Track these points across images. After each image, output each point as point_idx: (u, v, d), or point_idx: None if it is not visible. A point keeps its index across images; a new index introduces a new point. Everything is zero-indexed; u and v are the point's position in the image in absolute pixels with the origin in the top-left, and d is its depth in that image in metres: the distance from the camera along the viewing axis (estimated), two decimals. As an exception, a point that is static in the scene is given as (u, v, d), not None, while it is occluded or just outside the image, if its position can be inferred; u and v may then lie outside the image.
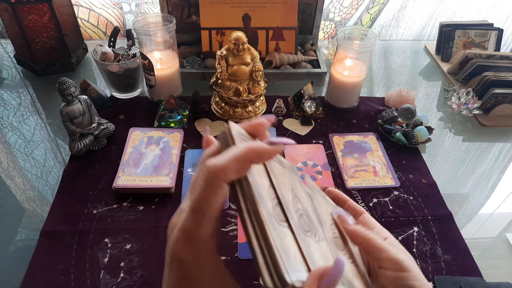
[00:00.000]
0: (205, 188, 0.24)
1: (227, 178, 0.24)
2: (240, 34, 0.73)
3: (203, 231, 0.24)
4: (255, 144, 0.25)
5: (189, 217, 0.25)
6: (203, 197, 0.24)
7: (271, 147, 0.26)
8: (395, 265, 0.32)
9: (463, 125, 0.88)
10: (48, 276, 0.55)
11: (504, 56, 0.95)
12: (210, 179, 0.24)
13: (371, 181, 0.71)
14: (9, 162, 0.73)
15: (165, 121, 0.80)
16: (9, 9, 0.81)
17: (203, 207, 0.24)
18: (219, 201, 0.25)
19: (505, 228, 0.68)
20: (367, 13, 1.20)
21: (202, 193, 0.24)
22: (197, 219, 0.24)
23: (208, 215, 0.24)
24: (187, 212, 0.25)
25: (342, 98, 0.86)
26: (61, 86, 0.67)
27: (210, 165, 0.24)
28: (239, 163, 0.24)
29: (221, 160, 0.24)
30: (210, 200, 0.24)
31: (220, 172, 0.24)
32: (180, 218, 0.25)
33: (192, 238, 0.24)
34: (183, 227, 0.25)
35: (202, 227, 0.24)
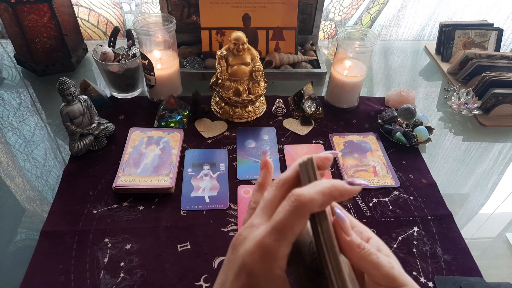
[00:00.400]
0: (292, 213, 0.26)
1: (312, 209, 0.27)
2: (240, 34, 0.73)
3: (281, 252, 0.26)
4: (339, 182, 0.28)
5: (269, 235, 0.27)
6: (289, 221, 0.26)
7: (351, 187, 0.29)
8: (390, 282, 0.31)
9: (463, 125, 0.88)
10: (48, 276, 0.55)
11: (504, 56, 0.95)
12: (298, 207, 0.26)
13: (371, 181, 0.71)
14: (9, 162, 0.73)
15: (165, 121, 0.80)
16: (9, 9, 0.81)
17: (286, 229, 0.26)
18: (301, 227, 0.27)
19: (505, 228, 0.68)
20: (367, 13, 1.20)
21: (288, 217, 0.26)
22: (279, 239, 0.26)
23: (288, 238, 0.26)
24: (267, 230, 0.27)
25: (342, 98, 0.86)
26: (61, 86, 0.67)
27: (300, 194, 0.27)
28: (325, 198, 0.27)
29: (310, 192, 0.27)
30: (294, 225, 0.26)
31: (308, 202, 0.26)
32: (253, 233, 0.27)
33: (269, 255, 0.26)
34: (262, 243, 0.26)
35: (281, 247, 0.26)
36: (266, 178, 0.34)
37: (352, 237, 0.32)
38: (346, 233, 0.32)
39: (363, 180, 0.30)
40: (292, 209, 0.26)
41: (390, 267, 0.31)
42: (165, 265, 0.57)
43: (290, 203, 0.27)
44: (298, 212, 0.26)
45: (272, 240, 0.26)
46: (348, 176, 0.72)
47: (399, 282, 0.31)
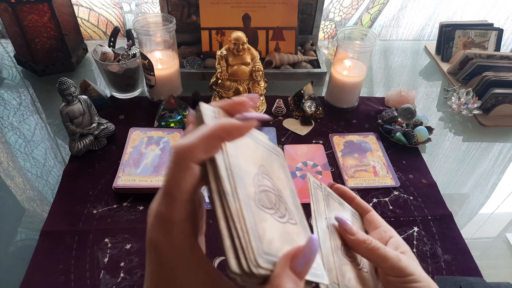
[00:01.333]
0: (173, 169, 0.23)
1: (195, 158, 0.23)
2: (240, 34, 0.73)
3: (176, 215, 0.24)
4: (224, 121, 0.24)
5: (161, 202, 0.24)
6: (172, 179, 0.23)
7: (242, 122, 0.25)
8: (398, 273, 0.33)
9: (463, 125, 0.88)
10: (48, 276, 0.55)
11: (504, 56, 0.95)
12: (178, 160, 0.23)
13: (371, 181, 0.71)
14: (9, 162, 0.73)
15: (165, 121, 0.80)
16: (9, 9, 0.81)
17: (173, 190, 0.23)
18: (189, 182, 0.23)
19: (505, 228, 0.68)
20: (367, 13, 1.20)
21: (171, 175, 0.23)
22: (169, 203, 0.24)
23: (179, 198, 0.23)
24: (159, 196, 0.24)
25: (342, 98, 0.86)
26: (61, 86, 0.67)
27: (176, 145, 0.23)
28: (208, 142, 0.23)
29: (187, 140, 0.23)
30: (179, 182, 0.23)
31: (186, 151, 0.23)
32: (155, 204, 0.25)
33: (166, 223, 0.24)
34: (157, 212, 0.24)
35: (175, 210, 0.23)
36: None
37: (357, 236, 0.35)
38: (350, 233, 0.35)
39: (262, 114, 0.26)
40: (173, 164, 0.23)
41: (397, 259, 0.33)
42: (165, 265, 0.57)
43: (170, 158, 0.23)
44: (180, 165, 0.23)
45: (163, 207, 0.24)
46: (348, 176, 0.72)
47: (406, 272, 0.33)
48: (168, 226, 0.24)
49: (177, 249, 0.24)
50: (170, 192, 0.23)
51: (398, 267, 0.33)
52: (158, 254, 0.24)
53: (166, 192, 0.24)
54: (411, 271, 0.33)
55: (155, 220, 0.24)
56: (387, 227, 0.39)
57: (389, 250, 0.34)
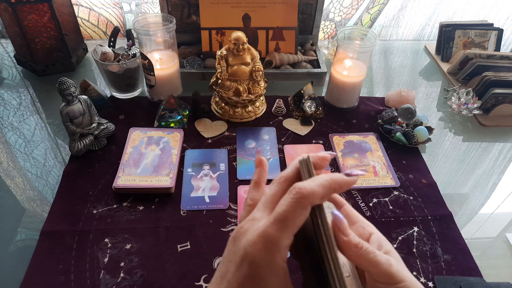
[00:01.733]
0: (294, 205, 0.27)
1: (313, 201, 0.28)
2: (240, 34, 0.73)
3: (285, 241, 0.27)
4: (337, 175, 0.30)
5: (272, 226, 0.27)
6: (291, 212, 0.27)
7: (349, 178, 0.30)
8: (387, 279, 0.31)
9: (463, 125, 0.88)
10: (48, 276, 0.55)
11: (504, 56, 0.95)
12: (300, 199, 0.27)
13: (371, 181, 0.71)
14: (9, 162, 0.73)
15: (165, 121, 0.80)
16: (9, 9, 0.81)
17: (288, 220, 0.27)
18: (302, 219, 0.28)
19: (505, 228, 0.68)
20: (367, 13, 1.20)
21: (290, 208, 0.27)
22: (281, 230, 0.27)
23: (290, 228, 0.27)
24: (269, 221, 0.28)
25: (342, 98, 0.86)
26: (61, 86, 0.67)
27: (301, 187, 0.28)
28: (324, 190, 0.28)
29: (311, 185, 0.28)
30: (295, 216, 0.27)
31: (310, 194, 0.27)
32: (255, 225, 0.28)
33: (272, 244, 0.27)
34: (265, 233, 0.27)
35: (283, 237, 0.27)
36: (261, 175, 0.35)
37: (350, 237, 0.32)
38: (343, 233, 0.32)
39: (360, 170, 0.31)
40: (294, 201, 0.27)
41: (388, 264, 0.31)
42: (165, 265, 0.57)
43: (292, 195, 0.28)
44: (300, 203, 0.27)
45: (274, 231, 0.27)
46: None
47: (397, 279, 0.31)
48: (274, 248, 0.27)
49: (273, 270, 0.27)
50: (285, 221, 0.27)
51: (389, 273, 0.31)
52: (253, 268, 0.27)
53: (281, 220, 0.27)
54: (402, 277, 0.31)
55: (262, 239, 0.27)
56: (365, 222, 0.37)
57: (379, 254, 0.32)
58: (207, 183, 0.69)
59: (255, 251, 0.27)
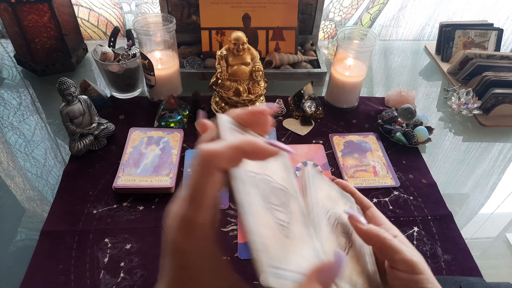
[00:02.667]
0: (200, 173, 0.24)
1: (219, 165, 0.24)
2: (240, 34, 0.73)
3: (201, 219, 0.24)
4: (252, 139, 0.25)
5: (186, 205, 0.24)
6: (199, 183, 0.24)
7: (268, 147, 0.25)
8: (409, 268, 0.32)
9: (463, 125, 0.88)
10: (48, 276, 0.55)
11: (504, 56, 0.95)
12: (205, 164, 0.24)
13: (371, 181, 0.71)
14: (9, 162, 0.73)
15: (165, 121, 0.80)
16: (9, 9, 0.81)
17: (200, 194, 0.24)
18: (213, 187, 0.24)
19: (505, 228, 0.68)
20: (367, 13, 1.20)
21: (197, 179, 0.24)
22: (195, 207, 0.24)
23: (205, 202, 0.24)
24: (185, 200, 0.24)
25: (342, 98, 0.86)
26: (61, 86, 0.67)
27: (204, 149, 0.24)
28: (233, 153, 0.24)
29: (213, 146, 0.24)
30: (205, 186, 0.24)
31: (213, 157, 0.23)
32: (177, 207, 0.25)
33: (191, 227, 0.24)
34: (182, 216, 0.24)
35: (200, 215, 0.24)
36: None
37: (369, 226, 0.34)
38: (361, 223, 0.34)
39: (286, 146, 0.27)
40: (200, 168, 0.24)
41: (410, 253, 0.32)
42: (165, 265, 0.57)
43: (197, 161, 0.24)
44: (207, 169, 0.24)
45: (189, 210, 0.24)
46: (348, 176, 0.72)
47: (418, 269, 0.32)
48: (194, 229, 0.24)
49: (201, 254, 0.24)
50: (196, 196, 0.24)
51: (411, 261, 0.32)
52: (181, 257, 0.24)
53: (192, 196, 0.24)
54: (422, 269, 0.32)
55: (180, 223, 0.24)
56: (389, 225, 0.38)
57: (402, 244, 0.33)
58: (207, 183, 0.69)
59: (178, 238, 0.24)
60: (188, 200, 0.24)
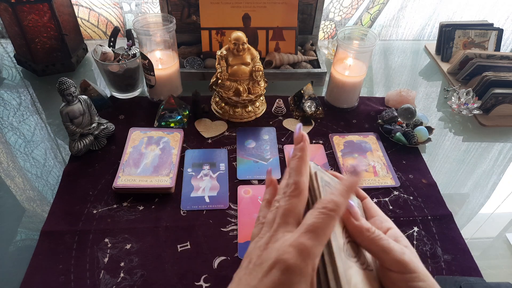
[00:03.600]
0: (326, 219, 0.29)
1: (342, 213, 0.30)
2: (240, 34, 0.73)
3: (316, 250, 0.28)
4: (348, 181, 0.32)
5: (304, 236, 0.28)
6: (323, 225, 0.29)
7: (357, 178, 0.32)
8: (400, 267, 0.31)
9: (463, 125, 0.88)
10: (48, 276, 0.55)
11: (504, 56, 0.95)
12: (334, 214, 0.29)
13: (371, 181, 0.71)
14: (9, 162, 0.73)
15: (165, 121, 0.80)
16: (9, 9, 0.81)
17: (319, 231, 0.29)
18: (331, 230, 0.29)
19: (505, 228, 0.68)
20: (367, 13, 1.20)
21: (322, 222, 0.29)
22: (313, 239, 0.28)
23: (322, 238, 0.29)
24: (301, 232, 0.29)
25: (342, 98, 0.86)
26: (61, 86, 0.67)
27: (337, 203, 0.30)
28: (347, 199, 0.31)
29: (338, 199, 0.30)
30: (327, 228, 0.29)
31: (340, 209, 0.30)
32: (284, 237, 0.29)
33: (306, 252, 0.28)
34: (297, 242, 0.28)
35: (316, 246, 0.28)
36: (273, 195, 0.36)
37: (361, 222, 0.33)
38: (354, 217, 0.33)
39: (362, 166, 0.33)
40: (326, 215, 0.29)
41: (401, 252, 0.31)
42: (165, 265, 0.57)
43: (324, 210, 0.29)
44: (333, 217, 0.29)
45: (307, 239, 0.28)
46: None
47: (409, 268, 0.31)
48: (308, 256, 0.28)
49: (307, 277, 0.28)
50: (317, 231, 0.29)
51: (402, 260, 0.31)
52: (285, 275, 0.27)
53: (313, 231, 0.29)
54: (414, 267, 0.31)
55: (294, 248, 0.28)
56: (383, 217, 0.38)
57: (392, 242, 0.32)
58: (207, 183, 0.69)
59: (289, 259, 0.27)
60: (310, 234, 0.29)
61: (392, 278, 0.31)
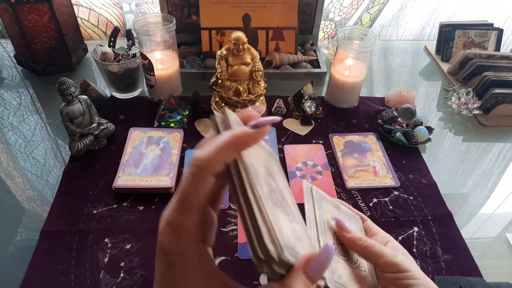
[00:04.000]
0: (191, 180, 0.25)
1: (213, 171, 0.25)
2: (240, 34, 0.73)
3: (187, 221, 0.25)
4: (238, 130, 0.25)
5: (175, 208, 0.25)
6: (189, 189, 0.25)
7: (255, 130, 0.26)
8: (394, 268, 0.34)
9: (463, 125, 0.88)
10: (48, 276, 0.55)
11: (504, 56, 0.95)
12: (196, 172, 0.24)
13: (371, 181, 0.71)
14: (9, 162, 0.73)
15: (165, 121, 0.80)
16: (9, 9, 0.81)
17: (189, 199, 0.25)
18: (204, 192, 0.25)
19: (505, 228, 0.68)
20: (367, 13, 1.20)
21: (188, 185, 0.25)
22: (183, 210, 0.25)
23: (193, 206, 0.25)
24: (173, 204, 0.25)
25: (342, 98, 0.86)
26: (61, 86, 0.67)
27: (195, 157, 0.25)
28: (224, 153, 0.25)
29: (205, 153, 0.24)
30: (195, 192, 0.25)
31: (205, 164, 0.24)
32: (167, 210, 0.26)
33: (177, 229, 0.25)
34: (170, 218, 0.25)
35: (187, 218, 0.25)
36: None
37: (352, 234, 0.36)
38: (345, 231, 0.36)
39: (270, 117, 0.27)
40: (190, 176, 0.25)
41: (393, 255, 0.34)
42: (165, 265, 0.57)
43: (188, 169, 0.25)
44: (198, 177, 0.25)
45: (177, 213, 0.25)
46: (348, 176, 0.72)
47: (402, 268, 0.33)
48: (179, 231, 0.25)
49: (186, 253, 0.25)
50: (185, 200, 0.25)
51: (394, 262, 0.34)
52: (167, 257, 0.25)
53: (180, 200, 0.25)
54: (407, 267, 0.33)
55: (167, 225, 0.25)
56: (383, 233, 0.40)
57: (384, 248, 0.35)
58: (207, 183, 0.69)
59: (165, 239, 0.25)
60: (178, 204, 0.25)
61: (388, 278, 0.34)
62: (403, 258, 0.34)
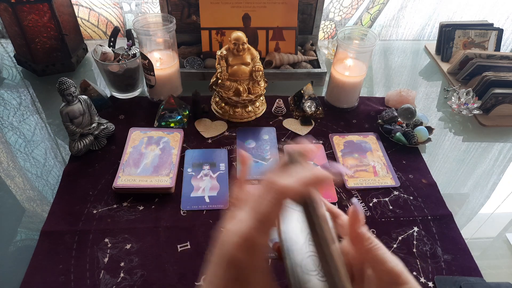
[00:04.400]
0: (274, 204, 0.28)
1: (290, 197, 0.28)
2: (240, 34, 0.73)
3: (264, 241, 0.28)
4: (318, 171, 0.29)
5: (254, 227, 0.27)
6: (271, 212, 0.28)
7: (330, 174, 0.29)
8: (393, 278, 0.32)
9: (463, 125, 0.88)
10: (48, 276, 0.55)
11: (504, 56, 0.95)
12: (279, 197, 0.28)
13: (371, 181, 0.71)
14: (9, 162, 0.73)
15: (165, 121, 0.80)
16: (9, 9, 0.81)
17: (269, 221, 0.28)
18: (277, 216, 0.28)
19: (505, 228, 0.68)
20: (367, 13, 1.20)
21: (271, 208, 0.28)
22: (262, 229, 0.27)
23: (267, 227, 0.28)
24: (251, 222, 0.28)
25: (342, 98, 0.86)
26: (61, 86, 0.67)
27: (281, 185, 0.28)
28: (303, 188, 0.28)
29: (291, 183, 0.28)
30: (275, 215, 0.28)
31: (287, 191, 0.28)
32: (239, 226, 0.28)
33: (254, 246, 0.27)
34: (247, 235, 0.27)
35: (265, 237, 0.28)
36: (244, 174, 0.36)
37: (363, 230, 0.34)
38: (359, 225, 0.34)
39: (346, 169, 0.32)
40: (275, 200, 0.28)
41: (395, 263, 0.33)
42: (165, 265, 0.57)
43: (273, 194, 0.28)
44: (279, 201, 0.28)
45: (256, 232, 0.27)
46: (348, 176, 0.72)
47: (402, 279, 0.32)
48: (256, 248, 0.27)
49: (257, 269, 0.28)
50: (267, 221, 0.28)
51: (396, 271, 0.32)
52: (239, 271, 0.27)
53: (262, 220, 0.28)
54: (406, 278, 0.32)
55: (244, 241, 0.27)
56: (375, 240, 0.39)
57: (388, 253, 0.34)
58: (207, 183, 0.69)
59: (240, 254, 0.27)
60: (258, 224, 0.27)
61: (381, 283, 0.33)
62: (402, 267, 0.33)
